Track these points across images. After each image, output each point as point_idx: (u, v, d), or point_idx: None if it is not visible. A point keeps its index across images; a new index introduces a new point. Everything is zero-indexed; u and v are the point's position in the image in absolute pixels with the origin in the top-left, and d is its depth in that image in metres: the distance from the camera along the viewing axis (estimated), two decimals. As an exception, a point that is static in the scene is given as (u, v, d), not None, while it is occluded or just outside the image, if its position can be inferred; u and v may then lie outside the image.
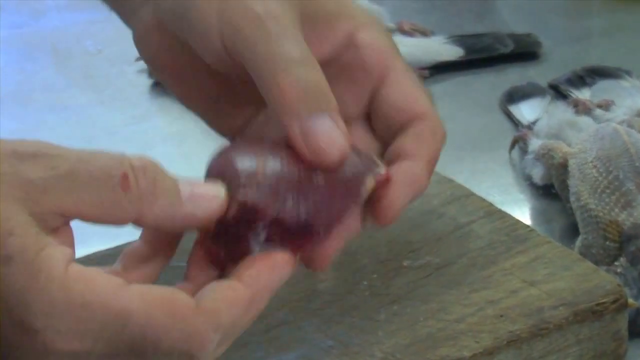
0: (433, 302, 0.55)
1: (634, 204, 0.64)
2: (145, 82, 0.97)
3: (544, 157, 0.74)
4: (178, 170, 0.46)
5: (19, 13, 1.20)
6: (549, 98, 0.87)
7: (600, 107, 0.81)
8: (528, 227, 0.61)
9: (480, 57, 0.98)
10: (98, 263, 0.46)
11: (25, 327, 0.41)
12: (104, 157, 0.43)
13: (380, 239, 0.60)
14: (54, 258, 0.41)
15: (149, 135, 0.89)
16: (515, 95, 0.89)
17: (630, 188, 0.64)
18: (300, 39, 0.49)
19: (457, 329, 0.53)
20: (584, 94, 0.86)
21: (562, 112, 0.81)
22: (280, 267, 0.46)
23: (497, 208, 0.63)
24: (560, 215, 0.72)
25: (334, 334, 0.53)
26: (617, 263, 0.62)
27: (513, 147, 0.81)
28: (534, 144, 0.77)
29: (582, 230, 0.66)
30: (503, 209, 0.63)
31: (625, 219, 0.63)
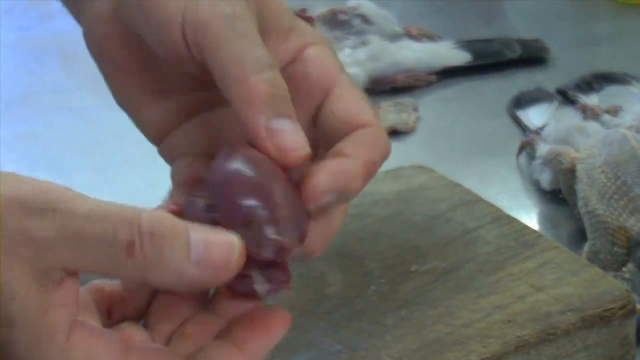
0: (441, 306, 0.55)
1: (642, 210, 0.64)
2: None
3: (552, 162, 0.74)
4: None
5: (27, 16, 1.20)
6: (557, 103, 0.87)
7: (608, 112, 0.81)
8: (536, 232, 0.61)
9: (488, 62, 0.98)
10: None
11: None
12: (115, 218, 0.42)
13: (388, 244, 0.60)
14: (56, 322, 0.42)
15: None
16: (523, 101, 0.89)
17: (639, 193, 0.64)
18: (264, 44, 0.49)
19: (464, 334, 0.53)
20: (592, 100, 0.86)
21: (570, 117, 0.81)
22: (277, 328, 0.46)
23: (504, 213, 0.63)
24: (568, 221, 0.72)
25: (342, 338, 0.53)
26: (625, 269, 0.62)
27: (521, 152, 0.81)
28: (542, 149, 0.77)
29: (590, 236, 0.66)
30: (511, 214, 0.63)
31: (634, 225, 0.63)
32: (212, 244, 0.43)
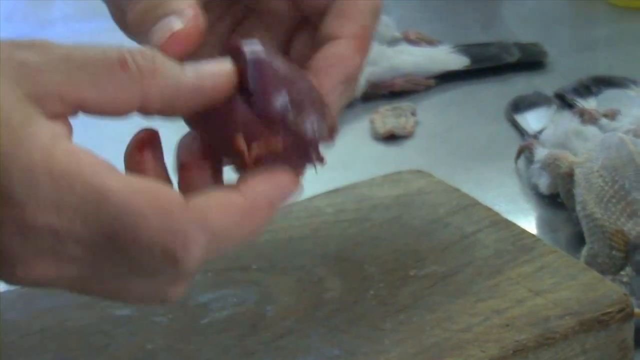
0: (439, 311, 0.55)
1: (640, 214, 0.64)
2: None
3: (550, 166, 0.74)
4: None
5: (27, 23, 1.21)
6: (555, 107, 0.87)
7: (606, 116, 0.81)
8: (534, 236, 0.61)
9: (486, 66, 0.98)
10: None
11: (5, 196, 0.40)
12: (101, 46, 0.43)
13: (387, 249, 0.60)
14: (41, 129, 0.41)
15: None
16: (521, 105, 0.89)
17: (637, 197, 0.64)
18: None
19: (463, 339, 0.53)
20: (590, 104, 0.86)
21: (568, 121, 0.81)
22: (284, 184, 0.45)
23: (503, 217, 0.63)
24: (566, 225, 0.72)
25: (341, 343, 0.53)
26: (623, 272, 0.62)
27: (519, 156, 0.81)
28: (540, 154, 0.77)
29: (588, 240, 0.66)
30: (509, 218, 0.63)
31: (631, 229, 0.63)
32: (203, 63, 0.45)
